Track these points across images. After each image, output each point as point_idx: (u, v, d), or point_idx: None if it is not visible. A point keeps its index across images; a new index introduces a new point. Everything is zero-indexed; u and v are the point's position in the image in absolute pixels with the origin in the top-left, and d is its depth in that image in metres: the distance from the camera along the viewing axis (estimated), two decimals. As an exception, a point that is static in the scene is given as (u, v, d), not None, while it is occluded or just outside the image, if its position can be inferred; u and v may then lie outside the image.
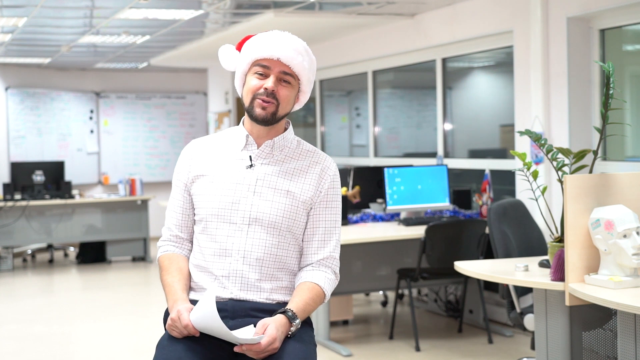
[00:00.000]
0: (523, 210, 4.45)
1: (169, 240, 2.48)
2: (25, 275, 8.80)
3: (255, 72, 2.35)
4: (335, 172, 2.46)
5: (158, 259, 2.49)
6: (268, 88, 2.32)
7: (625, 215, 3.05)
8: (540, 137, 3.51)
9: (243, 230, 2.34)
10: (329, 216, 2.43)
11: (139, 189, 9.22)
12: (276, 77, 2.34)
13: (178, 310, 2.27)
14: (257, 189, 2.36)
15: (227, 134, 2.48)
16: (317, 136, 8.91)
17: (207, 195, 2.38)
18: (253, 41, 2.38)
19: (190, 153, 2.46)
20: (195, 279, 2.40)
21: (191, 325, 2.24)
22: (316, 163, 2.43)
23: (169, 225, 2.49)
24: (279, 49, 2.32)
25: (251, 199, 2.35)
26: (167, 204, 2.53)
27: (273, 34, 2.37)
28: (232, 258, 2.34)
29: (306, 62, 2.37)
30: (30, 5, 6.20)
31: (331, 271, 2.43)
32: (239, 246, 2.34)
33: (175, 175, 2.49)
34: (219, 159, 2.42)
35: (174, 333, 2.29)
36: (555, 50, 5.26)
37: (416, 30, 6.79)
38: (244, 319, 2.33)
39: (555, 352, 3.42)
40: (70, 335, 5.96)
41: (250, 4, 6.34)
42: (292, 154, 2.43)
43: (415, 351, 5.20)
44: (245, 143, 2.40)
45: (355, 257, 5.63)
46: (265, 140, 2.40)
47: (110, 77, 11.36)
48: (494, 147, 6.64)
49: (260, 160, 2.39)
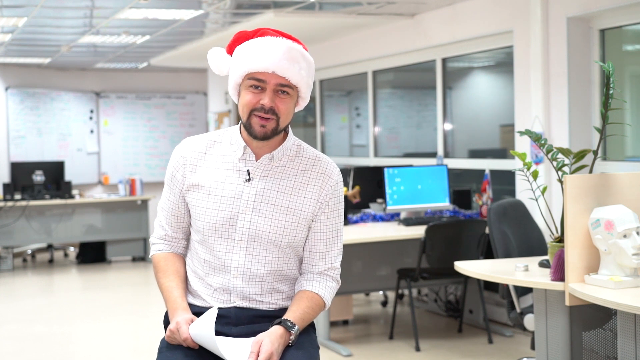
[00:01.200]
0: (523, 210, 4.45)
1: (162, 238, 2.40)
2: (25, 275, 8.80)
3: (249, 86, 2.21)
4: (338, 179, 2.34)
5: (152, 257, 2.41)
6: (265, 105, 2.19)
7: (625, 215, 3.05)
8: (540, 137, 3.51)
9: (242, 247, 2.27)
10: (331, 226, 2.34)
11: (139, 189, 9.22)
12: (273, 91, 2.20)
13: (177, 322, 2.22)
14: (256, 205, 2.26)
15: (222, 137, 2.35)
16: (317, 136, 8.91)
17: (204, 209, 2.28)
18: (245, 51, 2.22)
19: (183, 157, 2.33)
20: (194, 286, 2.35)
21: (190, 339, 2.19)
22: (317, 173, 2.31)
23: (162, 223, 2.40)
24: (273, 62, 2.17)
25: (250, 216, 2.25)
26: (160, 201, 2.44)
27: (265, 42, 2.20)
28: (231, 275, 2.28)
29: (304, 70, 2.22)
30: (30, 5, 6.20)
31: (332, 279, 2.37)
32: (237, 263, 2.27)
33: (168, 176, 2.37)
34: (215, 167, 2.30)
35: (173, 343, 2.26)
36: (555, 50, 5.26)
37: (416, 30, 6.79)
38: (247, 325, 2.29)
39: (555, 352, 3.42)
40: (70, 335, 5.96)
41: (250, 4, 6.34)
42: (292, 164, 2.31)
43: (415, 351, 5.20)
44: (243, 153, 2.28)
45: (355, 257, 5.63)
46: (264, 151, 2.28)
47: (110, 77, 11.36)
48: (494, 147, 6.64)
49: (258, 174, 2.28)
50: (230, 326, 2.29)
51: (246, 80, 2.22)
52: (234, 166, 2.29)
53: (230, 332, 2.29)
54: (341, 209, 2.37)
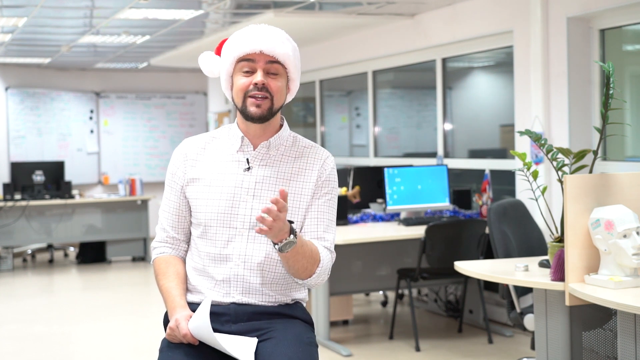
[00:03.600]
0: (523, 210, 4.45)
1: (164, 241, 2.44)
2: (25, 275, 8.80)
3: (241, 70, 2.30)
4: (332, 165, 2.41)
5: (153, 261, 2.44)
6: (258, 82, 2.26)
7: (625, 215, 3.05)
8: (540, 137, 3.51)
9: (243, 235, 2.31)
10: (325, 207, 2.37)
11: (139, 189, 9.22)
12: (263, 70, 2.28)
13: (176, 319, 2.26)
14: (257, 192, 2.31)
15: (220, 133, 2.43)
16: (317, 136, 8.91)
17: (205, 200, 2.33)
18: (232, 40, 2.33)
19: (184, 153, 2.40)
20: (193, 282, 2.37)
21: (189, 335, 2.23)
22: (313, 158, 2.38)
23: (163, 226, 2.44)
24: (260, 41, 2.27)
25: (251, 203, 2.31)
26: (161, 204, 2.48)
27: (250, 28, 2.32)
28: (233, 263, 2.31)
29: (289, 50, 2.31)
30: (30, 5, 6.20)
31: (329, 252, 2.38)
32: (239, 251, 2.31)
33: (169, 176, 2.43)
34: (215, 161, 2.36)
35: (174, 341, 2.28)
36: (555, 50, 5.26)
37: (416, 30, 6.79)
38: (246, 323, 2.31)
39: (555, 352, 3.42)
40: (70, 335, 5.96)
41: (250, 4, 6.34)
42: (289, 152, 2.38)
43: (415, 351, 5.20)
44: (241, 144, 2.35)
45: (355, 257, 5.63)
46: (261, 140, 2.35)
47: (110, 77, 11.36)
48: (494, 147, 6.64)
49: (257, 162, 2.34)
50: (229, 324, 2.30)
51: (237, 65, 2.31)
52: (232, 157, 2.36)
53: (230, 330, 2.30)
54: (335, 195, 2.42)
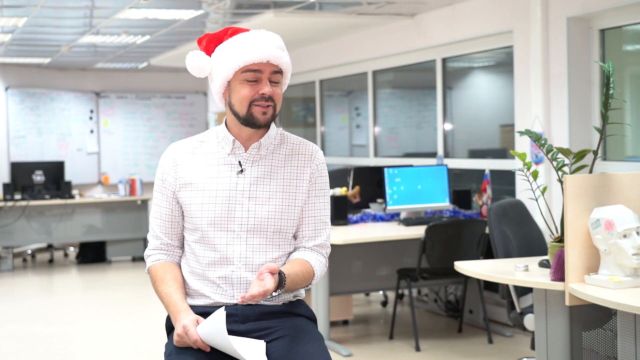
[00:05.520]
0: (523, 210, 4.45)
1: (158, 248, 2.41)
2: (25, 275, 8.80)
3: (245, 79, 2.28)
4: (323, 160, 2.43)
5: (149, 269, 2.42)
6: (266, 93, 2.27)
7: (625, 215, 3.05)
8: (540, 137, 3.51)
9: (242, 237, 2.31)
10: (319, 204, 2.40)
11: (139, 189, 9.23)
12: (268, 80, 2.29)
13: (184, 325, 2.23)
14: (252, 193, 2.32)
15: (208, 137, 2.41)
16: (317, 136, 8.91)
17: (200, 205, 2.32)
18: (234, 47, 2.28)
19: (172, 159, 2.38)
20: (193, 286, 2.36)
21: (200, 341, 2.20)
22: (304, 155, 2.40)
23: (156, 233, 2.41)
24: (267, 51, 2.26)
25: (247, 205, 2.31)
26: (151, 212, 2.45)
27: (253, 36, 2.29)
28: (234, 266, 2.31)
29: (287, 57, 2.33)
30: (30, 5, 6.20)
31: (323, 257, 2.42)
32: (239, 253, 2.31)
33: (158, 183, 2.39)
34: (206, 165, 2.35)
35: (184, 347, 2.26)
36: (555, 50, 5.26)
37: (416, 30, 6.79)
38: (255, 322, 2.31)
39: (555, 352, 3.42)
40: (70, 335, 5.96)
41: (250, 4, 6.34)
42: (279, 149, 2.39)
43: (415, 351, 5.20)
44: (232, 147, 2.35)
45: (355, 257, 5.63)
46: (252, 141, 2.35)
47: (110, 77, 11.36)
48: (494, 147, 6.64)
49: (249, 164, 2.35)
50: (238, 324, 2.30)
51: (240, 74, 2.29)
52: (224, 161, 2.36)
53: (239, 329, 2.30)
54: (327, 189, 2.44)
